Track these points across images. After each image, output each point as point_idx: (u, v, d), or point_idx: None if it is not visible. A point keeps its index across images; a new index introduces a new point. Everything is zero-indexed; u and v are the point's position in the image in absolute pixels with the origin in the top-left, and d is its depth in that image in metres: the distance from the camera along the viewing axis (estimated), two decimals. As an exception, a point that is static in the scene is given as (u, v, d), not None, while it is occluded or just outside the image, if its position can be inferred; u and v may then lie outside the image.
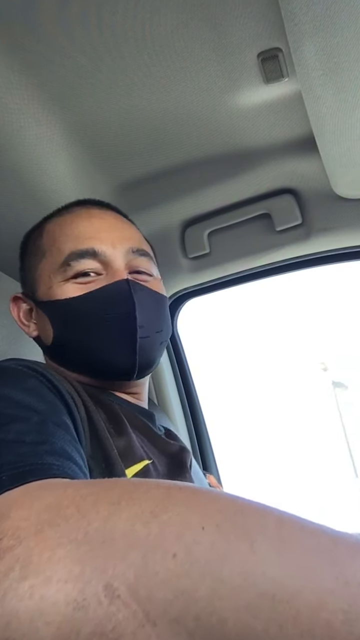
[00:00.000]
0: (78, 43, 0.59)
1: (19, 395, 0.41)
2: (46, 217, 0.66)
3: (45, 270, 0.59)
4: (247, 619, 0.20)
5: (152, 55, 0.62)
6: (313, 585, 0.20)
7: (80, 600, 0.21)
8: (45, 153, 0.73)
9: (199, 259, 1.01)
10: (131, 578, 0.21)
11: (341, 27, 0.52)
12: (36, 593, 0.21)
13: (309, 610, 0.20)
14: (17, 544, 0.23)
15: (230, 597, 0.20)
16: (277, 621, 0.20)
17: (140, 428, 0.57)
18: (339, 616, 0.20)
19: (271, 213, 0.94)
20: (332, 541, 0.23)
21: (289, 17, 0.51)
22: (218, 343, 2.55)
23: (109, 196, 0.89)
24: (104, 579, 0.21)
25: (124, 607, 0.21)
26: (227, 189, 0.92)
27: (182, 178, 0.88)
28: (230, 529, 0.23)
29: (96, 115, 0.71)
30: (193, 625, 0.20)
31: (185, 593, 0.21)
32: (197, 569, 0.21)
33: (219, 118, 0.76)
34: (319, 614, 0.20)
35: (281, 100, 0.73)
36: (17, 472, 0.30)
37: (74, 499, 0.25)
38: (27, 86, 0.63)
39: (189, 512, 0.24)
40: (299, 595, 0.20)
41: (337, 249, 0.95)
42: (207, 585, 0.21)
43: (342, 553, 0.22)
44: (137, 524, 0.23)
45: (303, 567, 0.21)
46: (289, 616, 0.20)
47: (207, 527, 0.23)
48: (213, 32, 0.60)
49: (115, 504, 0.25)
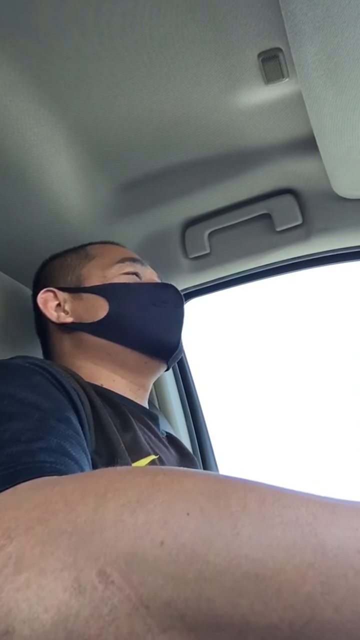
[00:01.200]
0: (78, 44, 0.59)
1: (22, 392, 0.42)
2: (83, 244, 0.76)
3: (97, 266, 0.69)
4: (234, 598, 0.21)
5: (152, 55, 0.62)
6: (293, 560, 0.22)
7: (77, 587, 0.22)
8: (45, 153, 0.73)
9: (199, 259, 1.01)
10: (123, 565, 0.22)
11: (342, 27, 0.52)
12: (33, 583, 0.22)
13: (291, 585, 0.21)
14: (8, 542, 0.23)
15: (216, 579, 0.22)
16: (262, 598, 0.21)
17: (146, 426, 0.60)
18: (318, 588, 0.21)
19: (271, 213, 0.94)
20: (312, 512, 0.24)
21: (289, 17, 0.51)
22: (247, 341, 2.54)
23: (109, 196, 0.89)
24: (97, 566, 0.22)
25: (118, 592, 0.22)
26: (227, 189, 0.92)
27: (182, 178, 0.88)
28: (214, 512, 0.24)
29: (96, 116, 0.71)
30: (184, 607, 0.21)
31: (174, 578, 0.22)
32: (184, 554, 0.22)
33: (219, 118, 0.76)
34: (300, 588, 0.21)
35: (281, 100, 0.73)
36: (7, 474, 0.30)
37: (62, 494, 0.26)
38: (27, 87, 0.63)
39: (173, 498, 0.25)
40: (280, 572, 0.21)
41: (337, 249, 0.95)
42: (195, 569, 0.22)
43: (320, 524, 0.23)
44: (125, 514, 0.24)
45: (284, 544, 0.22)
46: (272, 592, 0.21)
47: (191, 512, 0.24)
48: (213, 32, 0.60)
49: (102, 495, 0.25)
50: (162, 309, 0.67)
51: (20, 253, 0.85)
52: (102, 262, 0.69)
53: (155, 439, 0.60)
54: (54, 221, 0.85)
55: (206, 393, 1.16)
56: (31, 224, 0.68)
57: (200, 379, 1.17)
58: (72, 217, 0.87)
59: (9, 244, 0.86)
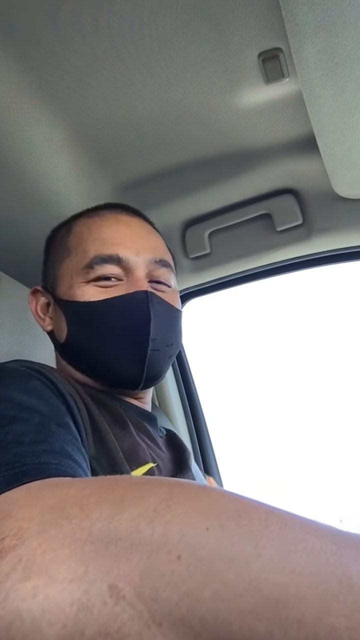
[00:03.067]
0: (78, 44, 0.59)
1: (21, 396, 0.42)
2: (74, 215, 0.67)
3: (68, 269, 0.60)
4: (252, 621, 0.20)
5: (153, 55, 0.62)
6: (317, 590, 0.20)
7: (85, 601, 0.21)
8: (45, 153, 0.73)
9: (200, 259, 1.01)
10: (136, 579, 0.21)
11: (342, 27, 0.52)
12: (39, 593, 0.21)
13: (314, 615, 0.20)
14: (19, 544, 0.23)
15: (234, 600, 0.20)
16: (282, 625, 0.20)
17: (144, 431, 0.58)
18: (343, 622, 0.20)
19: (272, 213, 0.94)
20: (336, 543, 0.23)
21: (289, 17, 0.51)
22: (253, 340, 2.48)
23: (110, 196, 0.89)
24: (108, 580, 0.21)
25: (129, 608, 0.21)
26: (227, 189, 0.92)
27: (182, 178, 0.88)
28: (234, 530, 0.23)
29: (97, 116, 0.71)
30: (198, 627, 0.20)
31: (190, 595, 0.21)
32: (201, 571, 0.21)
33: (219, 118, 0.75)
34: (324, 620, 0.20)
35: (282, 100, 0.73)
36: (14, 473, 0.30)
37: (77, 498, 0.25)
38: (27, 87, 0.63)
39: (192, 511, 0.24)
40: (303, 600, 0.20)
41: (338, 249, 0.95)
42: (212, 587, 0.21)
43: (346, 555, 0.22)
44: (141, 524, 0.23)
45: (307, 571, 0.21)
46: (293, 621, 0.20)
47: (211, 527, 0.23)
48: (213, 32, 0.60)
49: (118, 502, 0.24)
50: (124, 335, 0.55)
51: (20, 253, 0.85)
52: (74, 262, 0.59)
53: (154, 444, 0.58)
54: (54, 221, 0.85)
55: (206, 392, 1.16)
56: (31, 224, 0.68)
57: (201, 378, 1.17)
58: (72, 217, 0.86)
59: (9, 244, 0.86)
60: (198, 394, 1.16)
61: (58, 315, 0.61)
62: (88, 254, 0.58)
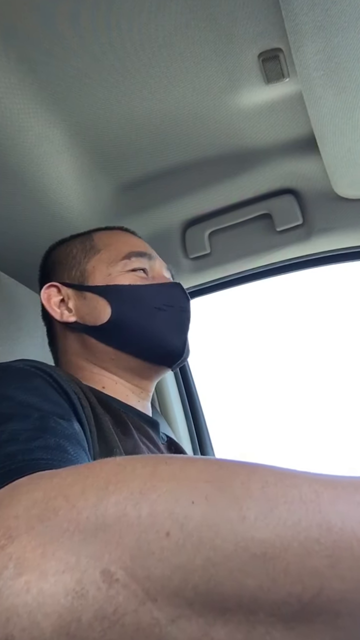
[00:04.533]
0: (78, 44, 0.59)
1: (22, 394, 0.42)
2: (91, 230, 0.73)
3: (102, 262, 0.66)
4: (242, 578, 0.21)
5: (153, 55, 0.62)
6: (299, 537, 0.22)
7: (79, 589, 0.21)
8: (46, 154, 0.73)
9: (200, 259, 1.01)
10: (127, 561, 0.22)
11: (342, 28, 0.52)
12: (33, 587, 0.21)
13: (298, 560, 0.21)
14: (9, 543, 0.23)
15: (224, 563, 0.22)
16: (270, 576, 0.21)
17: (146, 435, 0.59)
18: (325, 561, 0.21)
19: (272, 213, 0.94)
20: (315, 490, 0.24)
21: (289, 18, 0.51)
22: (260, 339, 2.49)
23: (110, 197, 0.89)
24: (100, 566, 0.22)
25: (123, 589, 0.21)
26: (227, 189, 0.92)
27: (182, 178, 0.88)
28: (219, 498, 0.24)
29: (97, 116, 0.71)
30: (192, 595, 0.21)
31: (181, 567, 0.22)
32: (190, 543, 0.22)
33: (219, 118, 0.76)
34: (307, 563, 0.21)
35: (282, 100, 0.73)
36: (3, 472, 0.30)
37: (61, 488, 0.25)
38: (27, 87, 0.63)
39: (177, 487, 0.24)
40: (287, 549, 0.22)
41: (338, 249, 0.95)
42: (202, 556, 0.22)
43: (324, 500, 0.23)
44: (128, 507, 0.23)
45: (289, 523, 0.22)
46: (280, 570, 0.21)
47: (196, 500, 0.24)
48: (214, 33, 0.60)
49: (103, 488, 0.25)
50: (167, 313, 0.64)
51: (20, 253, 0.85)
52: (107, 257, 0.66)
53: (155, 449, 0.59)
54: (54, 221, 0.85)
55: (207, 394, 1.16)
56: (31, 224, 0.68)
57: (202, 380, 1.17)
58: (72, 217, 0.87)
59: (10, 244, 0.86)
60: (199, 397, 1.15)
61: (91, 302, 0.64)
62: (122, 250, 0.66)
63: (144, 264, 0.66)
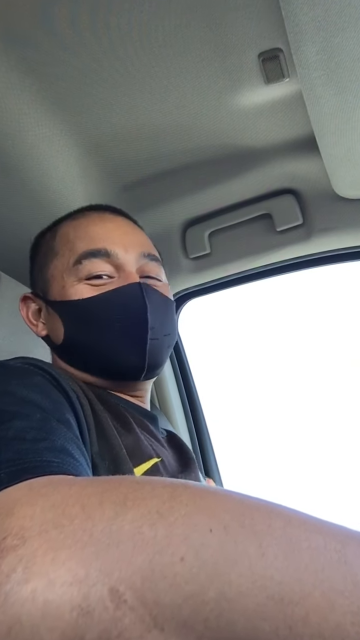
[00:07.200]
0: (79, 45, 0.59)
1: (23, 391, 0.42)
2: (58, 219, 0.66)
3: (58, 269, 0.59)
4: (256, 621, 0.20)
5: (153, 56, 0.62)
6: (322, 587, 0.20)
7: (85, 606, 0.20)
8: (46, 154, 0.73)
9: (200, 259, 1.01)
10: (138, 582, 0.21)
11: (342, 27, 0.52)
12: (39, 597, 0.20)
13: (318, 612, 0.20)
14: (20, 543, 0.22)
15: (238, 599, 0.20)
16: (287, 623, 0.20)
17: (146, 429, 0.58)
18: (349, 618, 0.20)
19: (272, 213, 0.94)
20: (340, 541, 0.23)
21: (289, 18, 0.51)
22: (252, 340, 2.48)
23: (110, 197, 0.89)
24: (109, 583, 0.21)
25: (130, 612, 0.20)
26: (227, 189, 0.92)
27: (183, 178, 0.88)
28: (238, 530, 0.23)
29: (97, 117, 0.71)
30: (202, 628, 0.20)
31: (193, 597, 0.20)
32: (205, 572, 0.21)
33: (219, 118, 0.76)
34: (329, 616, 0.20)
35: (282, 100, 0.73)
36: (15, 470, 0.29)
37: (79, 497, 0.25)
38: (28, 88, 0.63)
39: (195, 512, 0.24)
40: (308, 597, 0.20)
41: (338, 249, 0.95)
42: (216, 588, 0.21)
43: (350, 552, 0.22)
44: (144, 525, 0.23)
45: (311, 569, 0.21)
46: (299, 618, 0.20)
47: (214, 529, 0.23)
48: (214, 33, 0.60)
49: (120, 504, 0.24)
50: (121, 325, 0.56)
51: (20, 253, 0.85)
52: (62, 262, 0.59)
53: (156, 441, 0.58)
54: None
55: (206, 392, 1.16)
56: (32, 224, 0.68)
57: (201, 379, 1.17)
58: (72, 217, 0.86)
59: (10, 244, 0.86)
60: (198, 395, 1.16)
61: (52, 318, 0.60)
62: (76, 251, 0.58)
63: (100, 265, 0.57)
